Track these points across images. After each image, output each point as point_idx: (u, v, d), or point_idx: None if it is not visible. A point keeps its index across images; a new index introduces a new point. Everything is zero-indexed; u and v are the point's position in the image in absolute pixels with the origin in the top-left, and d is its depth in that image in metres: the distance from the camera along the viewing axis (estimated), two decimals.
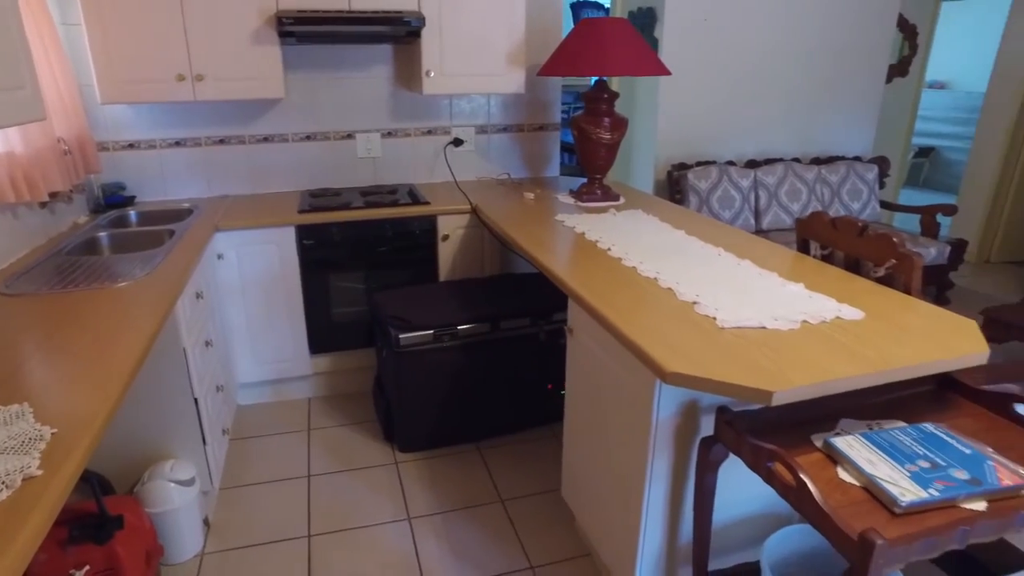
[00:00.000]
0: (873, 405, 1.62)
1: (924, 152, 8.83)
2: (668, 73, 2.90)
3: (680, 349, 1.47)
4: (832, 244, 2.15)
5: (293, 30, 2.77)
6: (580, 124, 3.04)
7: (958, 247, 4.31)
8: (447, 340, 2.59)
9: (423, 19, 2.93)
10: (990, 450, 1.39)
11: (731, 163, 4.45)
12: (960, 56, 8.48)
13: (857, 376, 1.36)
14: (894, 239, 1.89)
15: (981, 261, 5.39)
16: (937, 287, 4.43)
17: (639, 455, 1.62)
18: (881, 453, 1.36)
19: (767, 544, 1.61)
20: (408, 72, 3.37)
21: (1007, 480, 1.28)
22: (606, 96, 2.99)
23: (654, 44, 4.35)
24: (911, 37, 5.93)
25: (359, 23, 2.83)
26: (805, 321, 1.62)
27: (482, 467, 2.65)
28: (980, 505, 1.24)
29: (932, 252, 4.23)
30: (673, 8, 4.17)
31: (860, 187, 4.71)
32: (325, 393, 3.23)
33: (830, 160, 4.77)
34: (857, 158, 4.87)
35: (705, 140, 4.51)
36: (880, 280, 1.97)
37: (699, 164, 4.33)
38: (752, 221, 4.39)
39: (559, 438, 2.84)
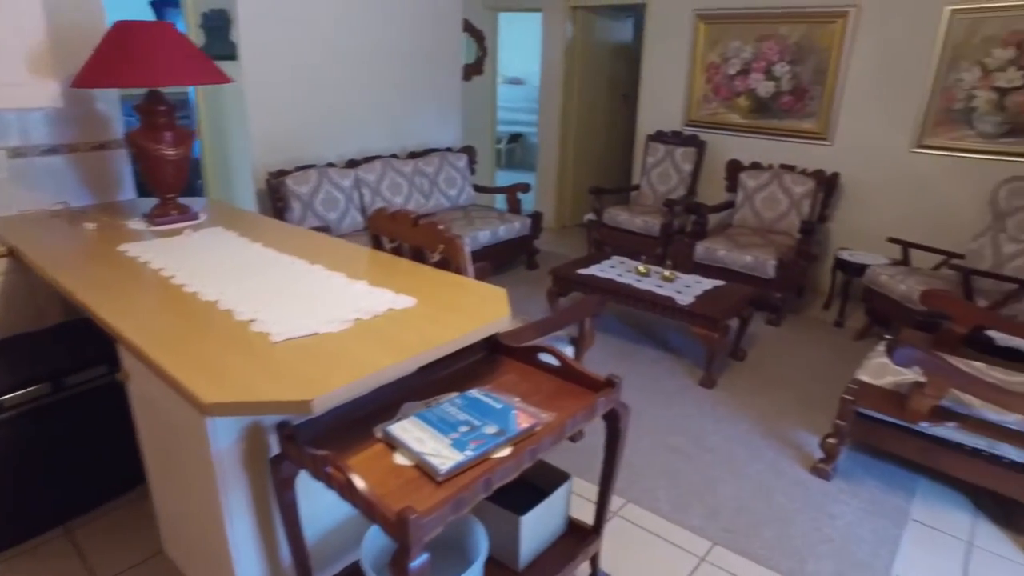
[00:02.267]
0: (435, 382, 1.77)
1: (515, 138, 10.18)
2: (227, 81, 2.76)
3: (225, 375, 1.40)
4: (397, 236, 2.29)
5: None
6: (137, 141, 2.73)
7: (536, 219, 5.05)
8: None
9: None
10: (517, 400, 1.63)
11: (332, 165, 4.50)
12: (526, 57, 9.90)
13: (397, 364, 1.46)
14: (440, 227, 2.09)
15: (560, 227, 6.43)
16: (527, 254, 5.14)
17: (211, 491, 1.52)
18: (431, 429, 1.49)
19: (364, 542, 1.66)
20: None
21: (524, 423, 1.51)
22: (163, 108, 2.73)
23: (231, 48, 4.14)
24: (480, 41, 6.72)
25: None
26: (359, 319, 1.69)
27: (73, 552, 2.25)
28: (506, 451, 1.44)
29: (517, 225, 4.89)
30: (248, 10, 4.00)
31: (454, 175, 5.19)
32: None
33: (425, 153, 5.16)
34: (449, 149, 5.36)
35: (303, 144, 4.48)
36: (438, 264, 2.16)
37: (299, 169, 4.28)
38: (360, 219, 4.52)
39: None
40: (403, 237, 2.26)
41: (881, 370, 2.53)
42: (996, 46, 3.96)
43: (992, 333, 2.90)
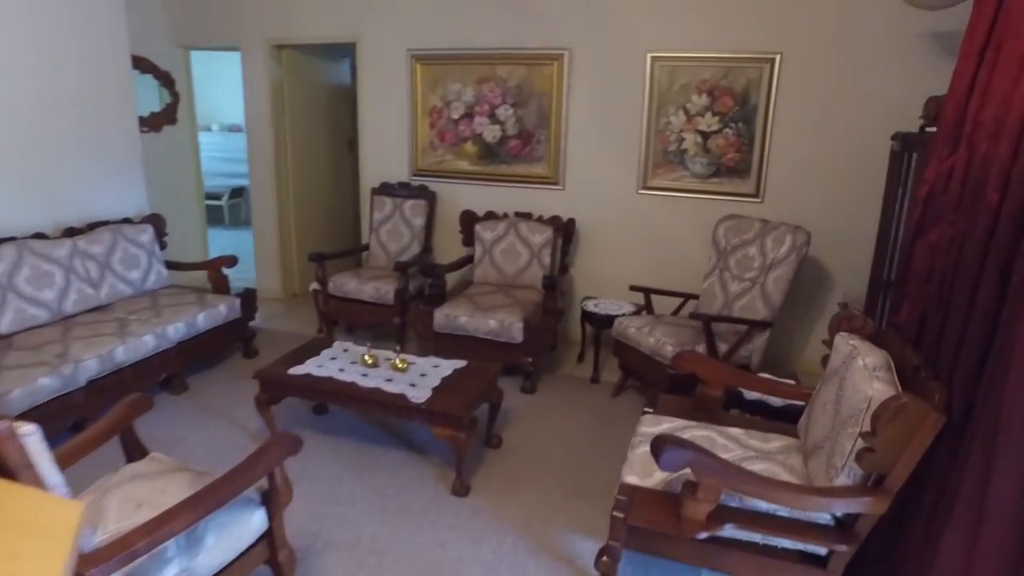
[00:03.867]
0: None
1: (238, 192, 9.01)
2: None
3: None
4: None
5: None
6: None
7: (248, 297, 4.17)
8: None
9: None
10: None
11: None
12: (238, 101, 8.86)
13: None
14: None
15: (289, 297, 5.53)
16: (243, 340, 4.22)
17: None
18: None
19: None
20: None
21: None
22: None
23: None
24: (169, 85, 5.63)
25: None
26: None
27: None
28: None
29: (223, 309, 3.95)
30: None
31: (136, 252, 4.10)
32: None
33: (90, 228, 4.00)
34: (127, 220, 4.25)
35: None
36: None
37: None
38: None
39: None
40: None
41: (648, 464, 2.17)
42: (693, 93, 4.06)
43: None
